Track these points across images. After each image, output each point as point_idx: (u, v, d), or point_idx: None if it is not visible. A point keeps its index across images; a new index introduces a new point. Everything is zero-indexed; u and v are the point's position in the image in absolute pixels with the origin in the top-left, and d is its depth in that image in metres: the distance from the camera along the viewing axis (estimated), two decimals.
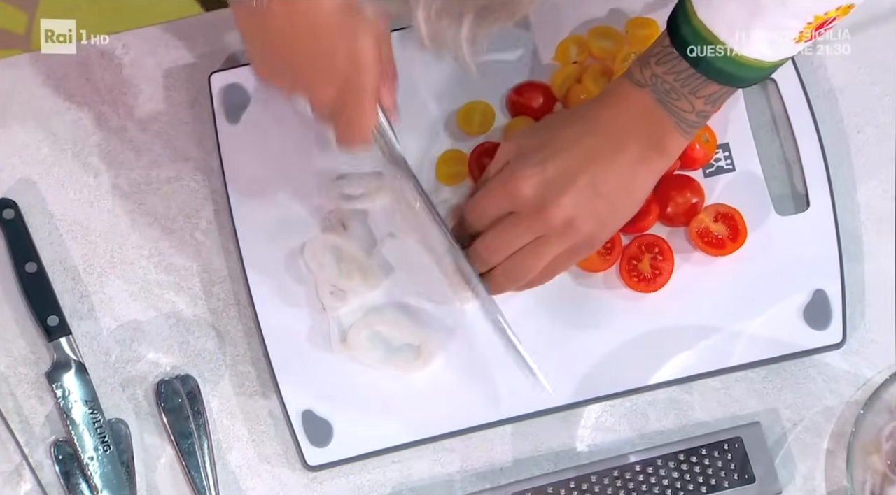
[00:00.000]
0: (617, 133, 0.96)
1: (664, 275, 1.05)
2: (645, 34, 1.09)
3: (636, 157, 0.96)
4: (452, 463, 1.04)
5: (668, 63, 0.94)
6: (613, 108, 0.97)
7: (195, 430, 1.03)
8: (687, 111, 0.95)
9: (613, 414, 1.05)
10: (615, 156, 0.96)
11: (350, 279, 1.05)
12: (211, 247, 1.08)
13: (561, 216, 0.95)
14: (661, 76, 0.94)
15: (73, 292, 1.06)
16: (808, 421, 1.05)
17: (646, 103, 0.95)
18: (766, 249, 1.06)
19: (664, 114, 0.95)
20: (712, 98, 0.95)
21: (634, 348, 1.05)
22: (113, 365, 1.05)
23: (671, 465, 1.02)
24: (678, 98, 0.94)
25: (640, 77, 0.95)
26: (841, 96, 1.11)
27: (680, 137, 0.96)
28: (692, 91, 0.94)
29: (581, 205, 0.95)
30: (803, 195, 1.08)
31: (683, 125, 0.95)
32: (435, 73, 1.09)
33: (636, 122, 0.96)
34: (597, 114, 0.97)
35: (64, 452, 1.02)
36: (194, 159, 1.09)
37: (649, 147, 0.96)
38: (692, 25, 0.91)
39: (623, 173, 0.96)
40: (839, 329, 1.05)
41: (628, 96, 0.96)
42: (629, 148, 0.96)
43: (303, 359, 1.04)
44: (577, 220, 0.95)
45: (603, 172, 0.96)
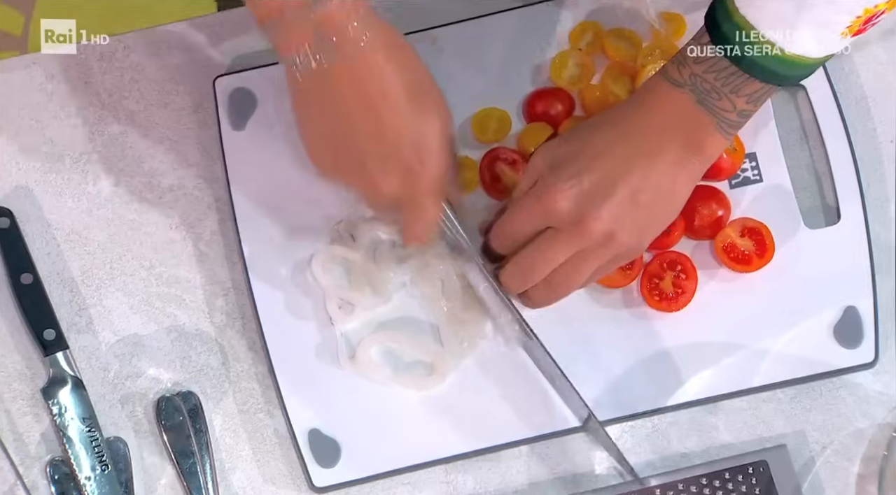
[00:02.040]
0: (654, 136, 0.94)
1: (687, 294, 1.03)
2: (671, 29, 1.08)
3: (675, 161, 0.94)
4: (465, 486, 1.03)
5: (707, 61, 0.92)
6: (649, 110, 0.94)
7: (197, 449, 1.02)
8: (728, 110, 0.93)
9: (634, 435, 1.04)
10: (653, 161, 0.94)
11: (359, 292, 1.04)
12: (214, 258, 1.07)
13: (601, 229, 0.93)
14: (701, 75, 0.92)
15: (71, 305, 1.06)
16: (837, 443, 1.04)
17: (685, 104, 0.93)
18: (794, 264, 1.05)
19: (705, 114, 0.93)
20: (754, 96, 0.92)
21: (655, 367, 1.03)
22: (112, 381, 1.05)
23: (693, 490, 1.01)
24: (719, 97, 0.92)
25: (678, 76, 0.93)
26: (873, 104, 1.09)
27: (721, 138, 0.94)
28: (734, 90, 0.92)
29: (620, 216, 0.93)
30: (834, 207, 1.07)
31: (724, 125, 0.93)
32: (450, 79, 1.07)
33: (675, 124, 0.94)
34: (632, 117, 0.95)
35: (60, 472, 1.02)
36: (197, 166, 1.08)
37: (688, 149, 0.94)
38: (734, 21, 0.89)
39: (662, 179, 0.94)
40: (871, 347, 1.04)
41: (666, 97, 0.94)
42: (668, 151, 0.94)
43: (310, 376, 1.03)
44: (617, 232, 0.94)
45: (642, 180, 0.93)
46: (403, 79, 0.88)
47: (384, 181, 0.90)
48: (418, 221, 0.94)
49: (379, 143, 0.88)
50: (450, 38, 1.08)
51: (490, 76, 1.08)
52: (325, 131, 0.91)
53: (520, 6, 1.09)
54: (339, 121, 0.89)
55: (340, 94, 0.88)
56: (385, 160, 0.89)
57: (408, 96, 0.88)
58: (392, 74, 0.88)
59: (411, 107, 0.88)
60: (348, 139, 0.90)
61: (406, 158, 0.89)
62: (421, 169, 0.89)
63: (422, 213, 0.93)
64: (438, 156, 0.90)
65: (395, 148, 0.88)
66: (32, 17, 1.08)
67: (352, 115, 0.89)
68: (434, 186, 0.92)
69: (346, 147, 0.90)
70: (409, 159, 0.89)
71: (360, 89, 0.88)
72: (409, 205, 0.93)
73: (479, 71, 1.08)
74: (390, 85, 0.87)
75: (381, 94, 0.87)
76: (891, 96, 1.09)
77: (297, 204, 1.05)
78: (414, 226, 0.94)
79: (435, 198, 0.93)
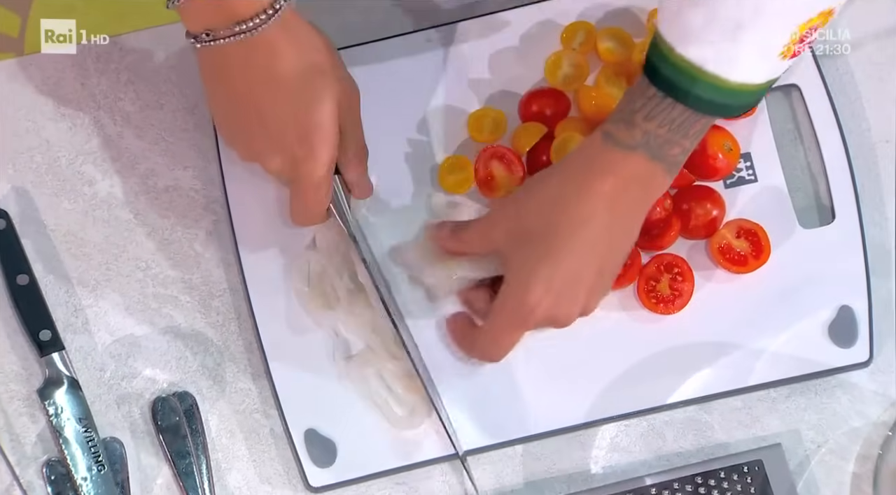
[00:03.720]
0: (614, 209, 0.91)
1: (684, 296, 1.03)
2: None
3: (632, 217, 0.93)
4: (461, 485, 1.03)
5: (659, 116, 0.89)
6: (603, 181, 0.91)
7: (193, 449, 1.02)
8: (677, 154, 0.91)
9: (629, 434, 1.04)
10: (614, 229, 0.92)
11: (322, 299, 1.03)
12: (210, 258, 1.06)
13: (574, 318, 0.94)
14: (654, 131, 0.90)
15: (67, 305, 1.05)
16: (833, 443, 1.04)
17: (639, 164, 0.91)
18: (789, 263, 1.04)
19: (657, 167, 0.91)
20: (700, 132, 0.91)
21: (651, 366, 1.03)
22: (108, 381, 1.04)
23: (688, 488, 1.01)
24: (672, 146, 0.90)
25: (629, 140, 0.90)
26: (868, 104, 1.09)
27: (668, 178, 0.93)
28: (684, 134, 0.90)
29: (589, 297, 0.94)
30: (828, 207, 1.06)
31: (673, 169, 0.92)
32: (445, 79, 1.07)
33: (630, 187, 0.91)
34: (589, 197, 0.91)
35: (56, 472, 1.01)
36: (193, 167, 1.08)
37: (643, 201, 0.93)
38: (672, 62, 0.87)
39: (624, 241, 0.94)
40: (866, 347, 1.03)
41: (619, 164, 0.91)
42: (626, 214, 0.92)
43: (306, 376, 1.03)
44: (589, 303, 0.95)
45: (606, 256, 0.93)
46: (294, 62, 0.87)
47: (270, 162, 0.89)
48: (302, 205, 0.92)
49: (264, 127, 0.87)
50: (445, 38, 1.08)
51: (486, 77, 1.07)
52: (223, 107, 0.91)
53: (516, 6, 1.08)
54: (231, 100, 0.89)
55: (231, 75, 0.87)
56: (270, 143, 0.88)
57: (298, 81, 0.86)
58: (283, 57, 0.87)
59: (300, 92, 0.86)
60: (240, 118, 0.89)
61: (289, 144, 0.87)
62: (305, 155, 0.88)
63: (304, 198, 0.92)
64: (324, 142, 0.88)
65: (279, 133, 0.87)
66: (29, 18, 1.07)
67: (241, 97, 0.88)
68: (318, 172, 0.90)
69: (239, 124, 0.90)
70: (292, 145, 0.87)
71: (249, 72, 0.87)
72: (294, 187, 0.91)
73: (476, 71, 1.07)
74: (279, 69, 0.86)
75: (269, 78, 0.86)
76: (885, 96, 1.09)
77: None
78: (298, 209, 0.93)
79: (319, 184, 0.91)
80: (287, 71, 0.87)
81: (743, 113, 0.93)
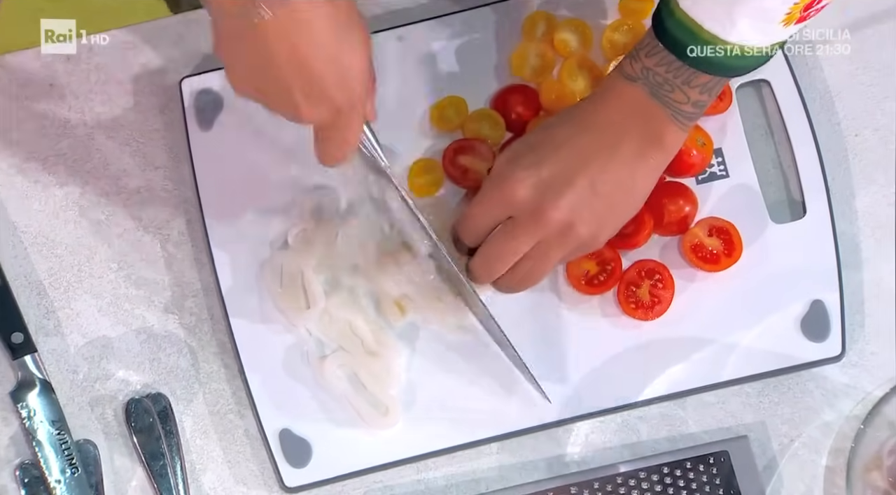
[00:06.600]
0: (612, 130, 0.94)
1: (664, 303, 1.03)
2: (638, 7, 1.08)
3: (634, 153, 0.94)
4: (436, 482, 1.03)
5: (657, 55, 0.93)
6: (606, 104, 0.95)
7: (167, 451, 1.02)
8: (682, 102, 0.93)
9: (604, 430, 1.04)
10: (612, 153, 0.94)
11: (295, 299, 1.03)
12: (183, 259, 1.06)
13: (559, 219, 0.93)
14: (653, 68, 0.93)
15: (39, 308, 1.05)
16: (805, 436, 1.04)
17: (639, 97, 0.94)
18: (761, 259, 1.04)
19: (658, 107, 0.94)
20: (707, 87, 0.93)
21: (624, 363, 1.03)
22: (80, 383, 1.04)
23: (654, 478, 1.02)
24: (672, 90, 0.93)
25: (630, 71, 0.94)
26: (838, 99, 1.09)
27: (678, 130, 0.95)
28: (685, 82, 0.93)
29: (579, 206, 0.94)
30: (800, 202, 1.06)
31: (680, 117, 0.94)
32: (415, 77, 1.07)
33: (631, 118, 0.94)
34: (590, 111, 0.96)
35: (30, 475, 1.01)
36: (165, 168, 1.08)
37: (646, 142, 0.94)
38: (676, 18, 0.90)
39: (621, 171, 0.94)
40: (838, 341, 1.04)
41: (621, 91, 0.95)
42: (626, 144, 0.94)
43: (280, 376, 1.03)
44: (576, 223, 0.94)
45: (600, 171, 0.94)
46: (328, 18, 0.86)
47: (309, 112, 0.89)
48: (339, 144, 0.92)
49: (304, 82, 0.87)
50: (416, 36, 1.08)
51: (456, 73, 1.07)
52: (251, 67, 0.89)
53: (486, 4, 1.08)
54: (264, 61, 0.87)
55: (266, 37, 0.87)
56: (310, 94, 0.88)
57: (333, 34, 0.86)
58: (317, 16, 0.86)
59: (336, 44, 0.87)
60: (274, 76, 0.88)
61: (331, 93, 0.88)
62: (344, 100, 0.88)
63: (342, 137, 0.92)
64: (361, 86, 0.89)
65: (319, 84, 0.87)
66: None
67: (278, 56, 0.87)
68: (356, 113, 0.90)
69: (273, 80, 0.89)
70: (333, 94, 0.88)
71: (285, 34, 0.86)
72: (332, 129, 0.91)
73: (445, 68, 1.07)
74: (316, 27, 0.86)
75: (308, 37, 0.86)
76: (855, 90, 1.09)
77: (266, 204, 1.05)
78: (336, 147, 0.92)
79: (357, 122, 0.91)
80: (322, 30, 0.86)
81: (747, 73, 0.94)
